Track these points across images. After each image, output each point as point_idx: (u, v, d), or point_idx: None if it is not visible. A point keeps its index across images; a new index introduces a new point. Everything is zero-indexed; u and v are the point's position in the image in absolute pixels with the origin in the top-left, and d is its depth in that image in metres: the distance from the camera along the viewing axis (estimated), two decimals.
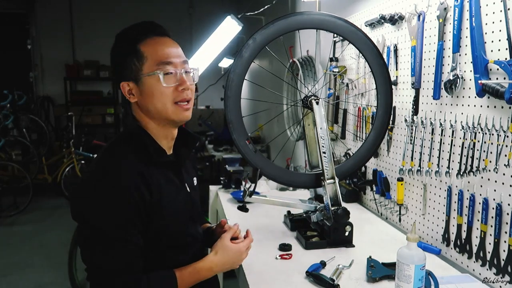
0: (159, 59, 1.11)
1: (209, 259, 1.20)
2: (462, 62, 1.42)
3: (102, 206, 1.03)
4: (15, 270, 3.60)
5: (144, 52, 1.11)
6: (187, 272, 1.14)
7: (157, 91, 1.10)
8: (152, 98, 1.11)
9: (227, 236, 1.24)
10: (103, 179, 1.05)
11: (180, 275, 1.12)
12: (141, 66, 1.11)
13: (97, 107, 7.23)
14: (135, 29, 1.14)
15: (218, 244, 1.22)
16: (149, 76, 1.10)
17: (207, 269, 1.18)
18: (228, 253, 1.21)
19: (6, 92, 5.77)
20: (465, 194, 1.42)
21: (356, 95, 2.19)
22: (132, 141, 1.13)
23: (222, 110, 6.09)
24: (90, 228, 1.04)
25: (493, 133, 1.28)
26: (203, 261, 1.18)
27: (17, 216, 5.02)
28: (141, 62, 1.11)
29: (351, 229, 1.60)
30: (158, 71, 1.10)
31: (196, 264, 1.17)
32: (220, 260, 1.20)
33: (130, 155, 1.09)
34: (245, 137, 1.60)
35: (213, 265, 1.19)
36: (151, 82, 1.10)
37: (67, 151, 5.62)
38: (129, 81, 1.13)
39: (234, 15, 2.89)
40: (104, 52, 4.55)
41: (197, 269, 1.16)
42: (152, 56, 1.11)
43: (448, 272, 1.41)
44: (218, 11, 6.29)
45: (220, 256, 1.20)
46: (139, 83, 1.12)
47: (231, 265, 1.23)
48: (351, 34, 1.65)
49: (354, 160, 1.76)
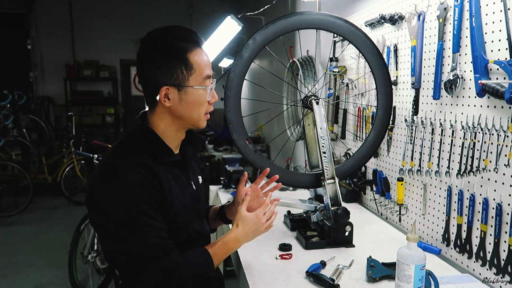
0: (206, 73, 1.17)
1: (233, 231, 1.26)
2: (462, 62, 1.42)
3: (122, 198, 1.06)
4: (15, 270, 3.60)
5: (193, 63, 1.14)
6: (216, 246, 1.21)
7: (198, 103, 1.17)
8: (191, 107, 1.17)
9: (242, 208, 1.29)
10: (118, 174, 1.08)
11: (212, 250, 1.20)
12: (188, 76, 1.14)
13: (97, 107, 7.24)
14: (185, 36, 1.15)
15: (236, 217, 1.29)
16: (195, 88, 1.15)
17: (233, 240, 1.24)
18: (247, 222, 1.26)
19: (6, 92, 5.77)
20: (465, 194, 1.42)
21: (356, 95, 2.19)
22: (142, 140, 1.17)
23: (222, 110, 6.09)
24: (115, 221, 1.06)
25: (493, 133, 1.28)
26: (228, 234, 1.25)
27: (17, 216, 5.02)
28: (188, 71, 1.14)
29: (351, 229, 1.60)
30: (206, 86, 1.17)
31: (222, 238, 1.24)
32: (242, 230, 1.26)
33: (141, 152, 1.14)
34: (245, 137, 1.60)
35: (237, 236, 1.25)
36: (196, 93, 1.16)
37: (67, 151, 5.63)
38: (171, 86, 1.14)
39: (234, 15, 2.89)
40: (104, 52, 4.62)
41: (224, 242, 1.23)
42: (200, 68, 1.15)
43: (448, 272, 1.41)
44: (218, 11, 6.28)
45: (241, 227, 1.26)
46: (182, 91, 1.15)
47: (254, 233, 1.28)
48: (351, 34, 1.65)
49: (354, 160, 1.77)
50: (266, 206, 1.32)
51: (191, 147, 1.31)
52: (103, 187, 1.08)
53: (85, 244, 3.09)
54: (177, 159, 1.23)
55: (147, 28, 1.26)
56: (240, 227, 1.26)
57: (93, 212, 1.11)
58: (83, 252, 3.08)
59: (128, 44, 6.89)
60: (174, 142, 1.23)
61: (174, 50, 1.13)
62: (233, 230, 1.26)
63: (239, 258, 1.50)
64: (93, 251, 3.06)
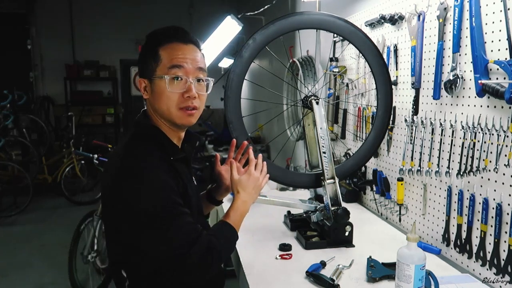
0: (171, 63, 1.16)
1: (237, 197, 1.30)
2: (462, 62, 1.42)
3: (156, 191, 1.07)
4: (15, 270, 3.60)
5: (161, 55, 1.17)
6: (229, 216, 1.25)
7: (163, 94, 1.17)
8: (159, 100, 1.18)
9: (234, 173, 1.32)
10: (144, 169, 1.09)
11: (229, 220, 1.23)
12: (155, 67, 1.17)
13: (97, 107, 7.24)
14: (162, 32, 1.20)
15: (232, 185, 1.32)
16: (159, 78, 1.16)
17: (242, 204, 1.28)
18: (244, 184, 1.31)
19: (6, 92, 5.76)
20: (465, 194, 1.42)
21: (356, 95, 2.19)
22: (151, 138, 1.19)
23: (222, 110, 6.10)
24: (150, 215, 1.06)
25: (493, 133, 1.27)
26: (234, 201, 1.29)
27: (17, 216, 5.02)
28: (156, 63, 1.17)
29: (351, 229, 1.60)
30: (167, 75, 1.16)
31: (232, 207, 1.27)
32: (243, 192, 1.30)
33: (154, 150, 1.16)
34: (245, 137, 1.60)
35: (243, 199, 1.29)
36: (160, 84, 1.17)
37: (67, 151, 5.63)
38: (145, 78, 1.20)
39: (234, 15, 2.89)
40: (104, 52, 4.62)
41: (235, 209, 1.27)
42: (166, 59, 1.17)
43: (448, 272, 1.41)
44: (218, 11, 6.28)
45: (241, 190, 1.30)
46: (152, 83, 1.19)
47: (255, 189, 1.33)
48: (351, 34, 1.65)
49: (354, 160, 1.77)
50: (253, 162, 1.35)
51: (187, 144, 1.33)
52: (132, 183, 1.07)
53: (85, 244, 3.09)
54: (184, 155, 1.25)
55: (147, 28, 1.27)
56: (240, 191, 1.30)
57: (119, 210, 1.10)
58: (83, 252, 3.08)
59: (128, 44, 6.90)
60: (175, 139, 1.25)
61: (148, 44, 1.20)
62: (236, 196, 1.30)
63: (239, 258, 1.50)
64: (93, 251, 3.06)
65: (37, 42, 7.16)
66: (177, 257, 1.06)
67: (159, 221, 1.06)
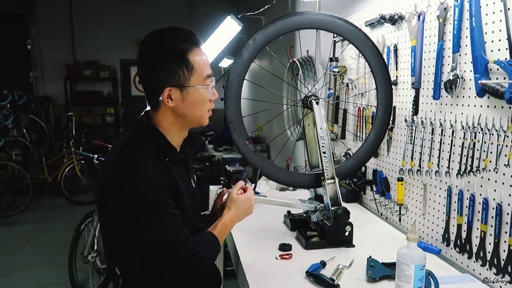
0: (206, 73, 1.20)
1: (226, 214, 1.32)
2: (462, 62, 1.42)
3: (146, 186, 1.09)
4: (15, 270, 3.60)
5: (194, 63, 1.17)
6: (217, 228, 1.27)
7: (201, 102, 1.21)
8: (193, 107, 1.20)
9: (233, 191, 1.37)
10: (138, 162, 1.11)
11: (215, 232, 1.25)
12: (189, 76, 1.17)
13: (97, 107, 7.24)
14: (180, 38, 1.18)
15: (227, 200, 1.36)
16: (197, 88, 1.18)
17: (230, 221, 1.31)
18: (238, 203, 1.34)
19: (6, 92, 5.76)
20: (465, 194, 1.42)
21: (356, 95, 2.19)
22: (149, 138, 1.19)
23: (222, 110, 6.09)
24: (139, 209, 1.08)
25: (493, 133, 1.27)
26: (223, 216, 1.31)
27: (17, 216, 5.02)
28: (190, 72, 1.17)
29: (351, 229, 1.60)
30: (207, 85, 1.20)
31: (220, 221, 1.29)
32: (234, 211, 1.33)
33: (149, 149, 1.16)
34: (245, 137, 1.60)
35: (232, 217, 1.32)
36: (198, 93, 1.19)
37: (67, 151, 5.63)
38: (173, 87, 1.16)
39: (234, 15, 2.89)
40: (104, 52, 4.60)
41: (223, 223, 1.29)
42: (201, 68, 1.18)
43: (448, 272, 1.41)
44: (218, 11, 6.28)
45: (233, 208, 1.33)
46: (184, 91, 1.17)
47: (245, 213, 1.37)
48: (351, 34, 1.65)
49: (354, 160, 1.77)
50: (251, 187, 1.42)
51: (189, 146, 1.33)
52: (125, 181, 1.09)
53: (85, 244, 3.09)
54: (181, 157, 1.25)
55: (147, 28, 1.27)
56: (232, 209, 1.33)
57: (111, 202, 1.12)
58: (83, 252, 3.08)
59: (128, 44, 6.89)
60: (177, 140, 1.25)
61: (174, 51, 1.16)
62: (225, 213, 1.32)
63: (239, 258, 1.50)
64: (93, 251, 3.06)
65: (37, 42, 7.16)
66: (162, 256, 1.09)
67: (148, 218, 1.08)
